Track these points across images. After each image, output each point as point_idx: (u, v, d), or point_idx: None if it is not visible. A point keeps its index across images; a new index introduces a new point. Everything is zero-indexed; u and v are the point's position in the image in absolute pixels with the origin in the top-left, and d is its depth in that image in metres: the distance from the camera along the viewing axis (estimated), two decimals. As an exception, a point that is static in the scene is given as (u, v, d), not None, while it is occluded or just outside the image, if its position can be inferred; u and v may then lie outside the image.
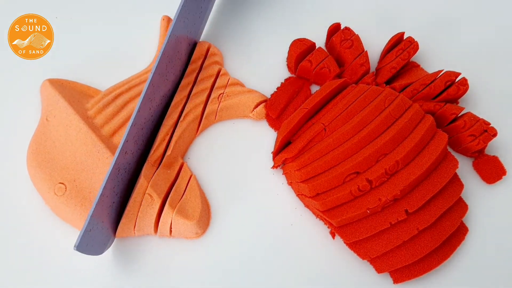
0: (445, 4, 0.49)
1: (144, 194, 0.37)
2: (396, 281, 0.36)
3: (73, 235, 0.38)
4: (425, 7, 0.48)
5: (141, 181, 0.37)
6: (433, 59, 0.45)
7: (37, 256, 0.38)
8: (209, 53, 0.44)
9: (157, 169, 0.38)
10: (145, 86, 0.36)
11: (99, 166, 0.38)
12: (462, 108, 0.40)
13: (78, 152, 0.38)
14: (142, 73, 0.43)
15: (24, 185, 0.40)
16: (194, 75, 0.43)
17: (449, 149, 0.41)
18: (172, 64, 0.40)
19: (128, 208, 0.36)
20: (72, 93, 0.42)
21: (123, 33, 0.47)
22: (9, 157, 0.41)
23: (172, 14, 0.47)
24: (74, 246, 0.32)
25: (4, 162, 0.41)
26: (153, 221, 0.37)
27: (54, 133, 0.39)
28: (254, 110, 0.42)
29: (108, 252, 0.38)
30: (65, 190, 0.37)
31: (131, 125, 0.35)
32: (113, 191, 0.35)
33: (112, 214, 0.36)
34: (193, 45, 0.44)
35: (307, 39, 0.43)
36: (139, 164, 0.38)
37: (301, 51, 0.42)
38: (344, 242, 0.37)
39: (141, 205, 0.37)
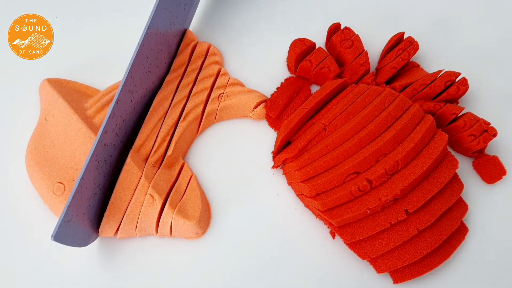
0: (445, 4, 0.49)
1: (146, 194, 0.37)
2: (396, 281, 0.36)
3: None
4: (425, 7, 0.48)
5: (142, 181, 0.37)
6: (433, 59, 0.45)
7: (36, 255, 0.38)
8: (209, 53, 0.44)
9: (158, 169, 0.38)
10: (123, 78, 0.35)
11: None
12: (462, 108, 0.40)
13: (77, 151, 0.38)
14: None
15: (23, 184, 0.40)
16: (194, 75, 0.43)
17: (449, 149, 0.41)
18: (156, 56, 0.39)
19: (129, 209, 0.36)
20: (71, 92, 0.42)
21: (122, 33, 0.47)
22: (8, 157, 0.41)
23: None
24: (52, 236, 0.31)
25: (3, 161, 0.41)
26: (155, 221, 0.37)
27: (53, 132, 0.39)
28: (254, 110, 0.42)
29: (108, 252, 0.38)
30: (64, 190, 0.37)
31: (109, 116, 0.34)
32: (94, 183, 0.34)
33: (95, 206, 0.35)
34: (182, 35, 0.43)
35: (307, 39, 0.43)
36: (121, 158, 0.38)
37: (301, 51, 0.42)
38: (344, 242, 0.37)
39: (142, 206, 0.37)
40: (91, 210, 0.35)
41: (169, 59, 0.42)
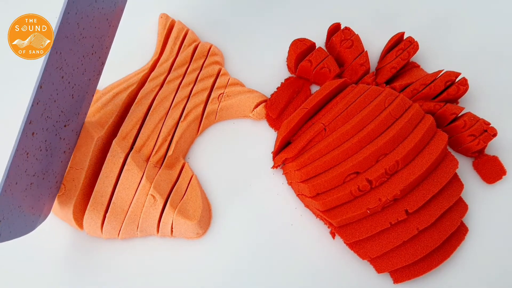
0: (446, 4, 0.49)
1: (147, 195, 0.37)
2: (396, 281, 0.36)
3: (73, 234, 0.38)
4: (425, 7, 0.48)
5: (143, 182, 0.37)
6: (433, 59, 0.45)
7: (37, 256, 0.38)
8: (210, 53, 0.44)
9: (159, 170, 0.38)
10: (44, 58, 0.32)
11: (99, 166, 0.38)
12: (462, 108, 0.40)
13: (76, 150, 0.38)
14: (140, 71, 0.43)
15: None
16: (195, 75, 0.43)
17: (449, 149, 0.41)
18: (93, 32, 0.35)
19: (131, 209, 0.36)
20: (71, 92, 0.42)
21: (121, 32, 0.46)
22: (7, 157, 0.41)
23: (171, 13, 0.47)
24: None
25: (3, 161, 0.41)
26: (156, 221, 0.37)
27: (53, 132, 0.39)
28: (254, 110, 0.42)
29: (110, 252, 0.38)
30: (64, 189, 0.37)
31: (31, 105, 0.31)
32: (26, 174, 0.32)
33: (35, 193, 0.34)
34: (118, 11, 0.39)
35: (307, 39, 0.43)
36: (71, 132, 0.36)
37: (301, 51, 0.42)
38: (344, 242, 0.37)
39: (144, 206, 0.37)
40: (30, 198, 0.33)
41: (112, 28, 0.38)
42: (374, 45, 0.45)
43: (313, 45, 0.43)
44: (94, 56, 0.36)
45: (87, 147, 0.37)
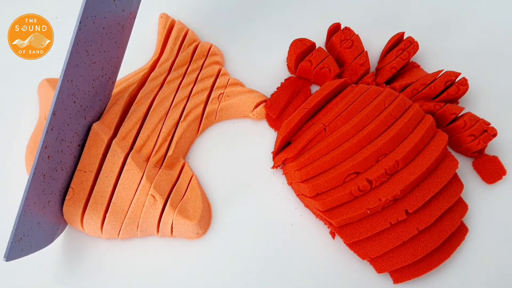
0: (446, 4, 0.49)
1: (147, 195, 0.37)
2: (396, 281, 0.36)
3: (73, 234, 0.38)
4: (425, 7, 0.48)
5: (144, 182, 0.37)
6: (433, 59, 0.45)
7: (37, 256, 0.38)
8: (210, 53, 0.44)
9: (159, 170, 0.38)
10: (57, 86, 0.32)
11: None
12: (462, 108, 0.40)
13: (85, 154, 0.38)
14: (140, 71, 0.43)
15: (23, 186, 0.40)
16: (195, 75, 0.43)
17: (449, 149, 0.41)
18: (102, 52, 0.35)
19: (131, 209, 0.36)
20: (71, 92, 0.41)
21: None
22: (8, 157, 0.41)
23: (171, 13, 0.47)
24: (4, 257, 0.31)
25: (3, 162, 0.41)
26: (156, 221, 0.37)
27: (54, 132, 0.39)
28: (254, 110, 0.42)
29: (109, 252, 0.38)
30: (73, 193, 0.37)
31: (46, 131, 0.32)
32: (44, 194, 0.33)
33: (53, 209, 0.35)
34: (131, 17, 0.39)
35: (307, 39, 0.43)
36: (79, 155, 0.37)
37: (301, 51, 0.42)
38: (344, 242, 0.37)
39: (144, 206, 0.37)
40: (49, 214, 0.34)
41: (120, 49, 0.38)
42: (374, 45, 0.45)
43: (313, 45, 0.43)
44: (104, 78, 0.37)
45: (97, 149, 0.37)
